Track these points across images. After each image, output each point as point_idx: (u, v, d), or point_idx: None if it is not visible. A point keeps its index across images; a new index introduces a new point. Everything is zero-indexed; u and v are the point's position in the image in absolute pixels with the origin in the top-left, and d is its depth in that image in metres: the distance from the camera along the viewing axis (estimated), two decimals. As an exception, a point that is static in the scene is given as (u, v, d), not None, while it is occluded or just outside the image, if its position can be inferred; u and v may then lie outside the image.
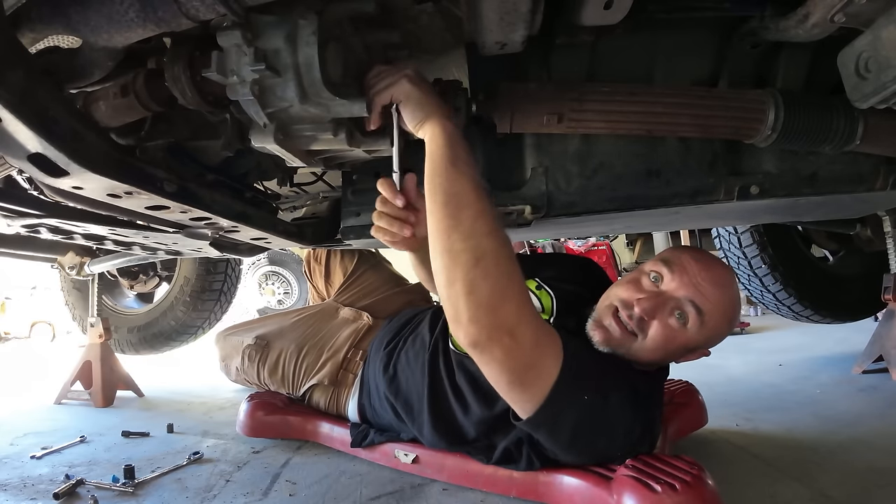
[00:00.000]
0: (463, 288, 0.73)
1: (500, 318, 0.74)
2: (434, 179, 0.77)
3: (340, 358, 1.45)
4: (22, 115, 0.54)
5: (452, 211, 0.75)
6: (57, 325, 6.11)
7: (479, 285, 0.72)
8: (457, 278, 0.73)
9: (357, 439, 1.28)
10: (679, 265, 0.96)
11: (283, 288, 4.96)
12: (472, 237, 0.73)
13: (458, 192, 0.75)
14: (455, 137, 0.77)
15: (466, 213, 0.74)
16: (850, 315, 2.38)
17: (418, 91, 0.76)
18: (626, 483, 0.86)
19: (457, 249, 0.74)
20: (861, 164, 0.95)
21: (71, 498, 1.14)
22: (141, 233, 1.15)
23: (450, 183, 0.75)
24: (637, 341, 0.95)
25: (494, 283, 0.73)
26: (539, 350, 0.80)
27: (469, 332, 0.74)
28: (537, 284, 1.18)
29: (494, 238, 0.74)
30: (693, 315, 0.92)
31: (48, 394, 2.15)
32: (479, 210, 0.75)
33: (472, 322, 0.73)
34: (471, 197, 0.75)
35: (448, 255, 0.74)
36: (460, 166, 0.76)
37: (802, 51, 0.88)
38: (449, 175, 0.76)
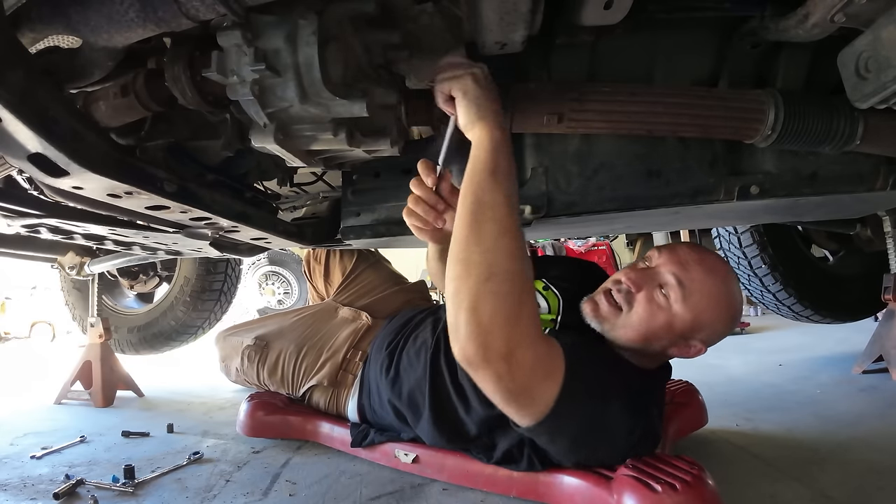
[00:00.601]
0: (468, 302, 0.71)
1: (497, 341, 0.71)
2: (469, 184, 0.76)
3: (340, 359, 1.45)
4: (22, 115, 0.54)
5: (478, 220, 0.73)
6: (57, 325, 6.11)
7: (485, 303, 0.70)
8: (465, 290, 0.72)
9: (357, 439, 1.28)
10: (669, 248, 1.00)
11: (283, 288, 4.96)
12: (490, 251, 0.72)
13: (488, 202, 0.74)
14: (501, 147, 0.76)
15: (491, 227, 0.73)
16: (850, 315, 2.38)
17: (478, 91, 0.75)
18: (627, 483, 0.86)
19: (473, 260, 0.72)
20: (861, 164, 0.95)
21: (71, 498, 1.14)
22: (141, 233, 1.15)
23: (483, 191, 0.74)
24: (622, 316, 0.97)
25: (500, 304, 0.71)
26: (536, 376, 0.78)
27: (465, 348, 0.72)
28: (545, 285, 1.20)
29: (513, 259, 0.72)
30: (675, 287, 0.93)
31: (48, 394, 2.14)
32: (505, 227, 0.73)
33: (469, 339, 0.71)
34: (500, 211, 0.74)
35: (462, 265, 0.73)
36: (499, 177, 0.75)
37: (802, 51, 0.88)
38: (484, 183, 0.74)
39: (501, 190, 0.74)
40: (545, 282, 1.20)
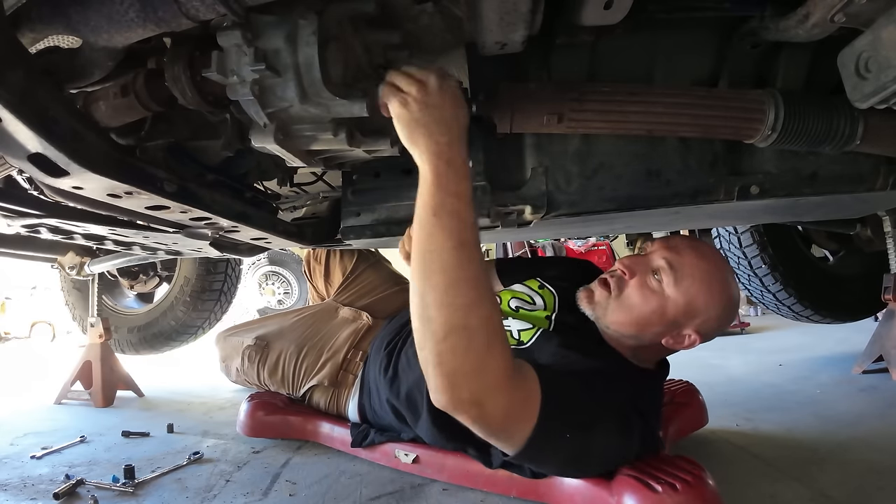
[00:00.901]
0: (431, 357, 0.69)
1: (466, 392, 0.69)
2: (416, 227, 0.70)
3: (340, 359, 1.45)
4: (22, 115, 0.54)
5: (427, 271, 0.69)
6: (57, 325, 6.11)
7: (447, 359, 0.68)
8: (426, 346, 0.69)
9: (357, 439, 1.28)
10: (663, 238, 1.00)
11: (283, 288, 4.96)
12: (442, 307, 0.67)
13: (434, 249, 0.68)
14: (444, 181, 0.68)
15: (440, 279, 0.68)
16: (850, 315, 2.38)
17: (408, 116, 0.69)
18: (627, 483, 0.86)
19: (428, 316, 0.68)
20: (861, 164, 0.95)
21: (71, 498, 1.14)
22: (141, 233, 1.15)
23: (428, 237, 0.69)
24: (613, 300, 0.97)
25: (462, 360, 0.68)
26: (509, 419, 0.76)
27: (437, 398, 0.71)
28: (540, 284, 1.20)
29: (468, 311, 0.67)
30: (667, 271, 0.93)
31: (48, 394, 2.15)
32: (453, 278, 0.67)
33: (437, 391, 0.70)
34: (447, 258, 0.67)
35: (420, 320, 0.69)
36: (442, 218, 0.68)
37: (802, 51, 0.88)
38: (428, 227, 0.69)
39: (445, 232, 0.68)
40: (540, 280, 1.21)
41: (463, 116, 0.72)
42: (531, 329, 1.06)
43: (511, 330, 1.08)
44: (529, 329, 1.07)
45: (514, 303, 1.17)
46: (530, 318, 1.12)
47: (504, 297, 1.19)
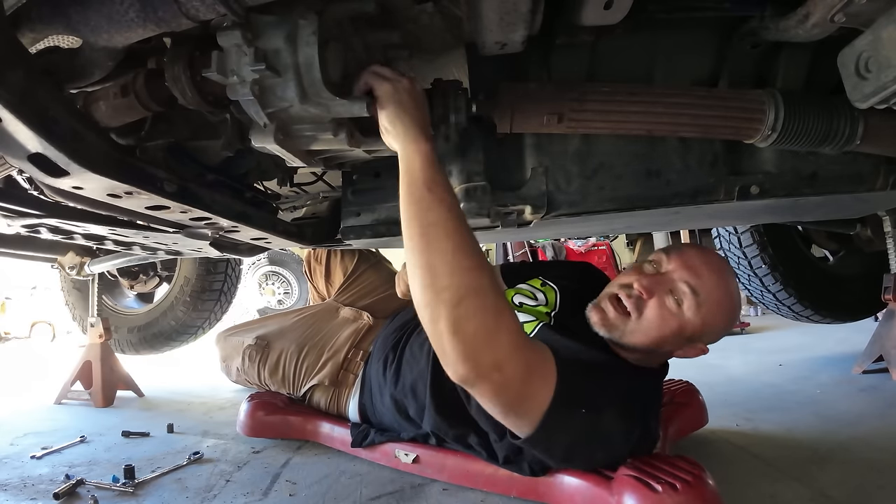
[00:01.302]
0: (448, 327, 0.69)
1: (487, 356, 0.71)
2: (410, 206, 0.72)
3: (341, 358, 1.45)
4: (22, 115, 0.54)
5: (431, 243, 0.70)
6: (57, 325, 6.11)
7: (465, 324, 0.69)
8: (440, 316, 0.70)
9: (357, 439, 1.28)
10: (677, 251, 0.99)
11: (284, 288, 4.96)
12: (454, 273, 0.69)
13: (436, 221, 0.71)
14: (433, 159, 0.73)
15: (446, 246, 0.70)
16: (850, 315, 2.38)
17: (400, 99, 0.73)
18: (627, 483, 0.86)
19: (439, 286, 0.70)
20: (861, 164, 0.95)
21: (71, 498, 1.14)
22: (141, 233, 1.15)
23: (427, 211, 0.71)
24: (631, 322, 0.96)
25: (481, 321, 0.70)
26: (530, 381, 0.78)
27: (457, 370, 0.72)
28: (542, 282, 1.21)
29: (477, 273, 0.70)
30: (689, 296, 0.93)
31: (48, 394, 2.15)
32: (458, 242, 0.70)
33: (459, 361, 0.71)
34: (450, 226, 0.70)
35: (430, 292, 0.70)
36: (437, 192, 0.71)
37: (802, 51, 0.88)
38: (425, 202, 0.71)
39: (444, 204, 0.71)
40: (542, 279, 1.22)
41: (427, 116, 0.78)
42: (533, 322, 1.07)
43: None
44: (531, 321, 1.07)
45: (517, 298, 1.19)
46: (532, 311, 1.13)
47: (507, 295, 1.20)
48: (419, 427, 1.19)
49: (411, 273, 0.72)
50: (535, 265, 1.32)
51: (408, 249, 0.73)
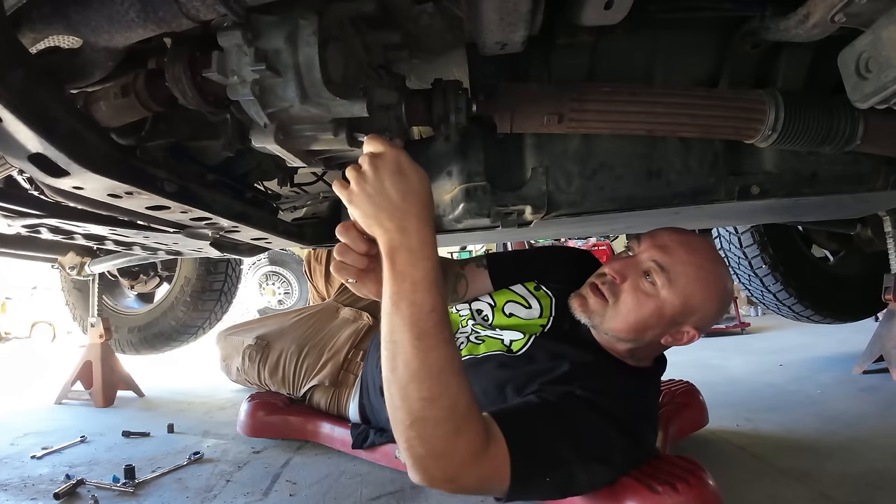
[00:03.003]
0: (401, 441, 0.68)
1: (437, 474, 0.69)
2: (383, 314, 0.68)
3: (341, 359, 1.45)
4: (22, 115, 0.54)
5: (389, 360, 0.67)
6: (57, 325, 6.12)
7: (414, 445, 0.67)
8: (396, 429, 0.68)
9: (357, 441, 1.28)
10: (648, 234, 0.98)
11: (284, 288, 4.97)
12: (405, 398, 0.66)
13: (396, 340, 0.66)
14: (400, 265, 0.66)
15: (401, 370, 0.66)
16: (851, 315, 2.38)
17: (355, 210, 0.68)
18: (627, 484, 0.86)
19: (393, 404, 0.67)
20: (861, 164, 0.95)
21: (71, 498, 1.14)
22: (141, 233, 1.15)
23: (388, 326, 0.67)
24: (609, 308, 0.96)
25: (430, 448, 0.67)
26: (485, 482, 0.74)
27: (412, 476, 0.70)
28: (535, 286, 1.18)
29: (429, 403, 0.65)
30: (659, 273, 0.92)
31: (49, 394, 2.15)
32: (414, 370, 0.65)
33: (412, 470, 0.69)
34: (408, 351, 0.65)
35: (388, 403, 0.69)
36: (401, 307, 0.65)
37: (803, 51, 0.88)
38: (388, 317, 0.67)
39: (405, 323, 0.65)
40: (536, 282, 1.19)
41: (416, 184, 0.68)
42: (522, 338, 1.06)
43: (503, 338, 1.07)
44: (521, 339, 1.06)
45: (508, 307, 1.15)
46: (523, 326, 1.11)
47: (500, 300, 1.17)
48: None
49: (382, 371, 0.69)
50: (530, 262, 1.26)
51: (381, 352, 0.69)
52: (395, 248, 0.66)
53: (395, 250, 0.66)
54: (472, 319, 1.17)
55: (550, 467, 0.79)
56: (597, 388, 0.89)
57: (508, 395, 0.93)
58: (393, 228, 0.66)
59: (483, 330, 1.13)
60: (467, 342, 1.11)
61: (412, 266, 0.66)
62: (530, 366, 0.99)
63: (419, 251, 0.66)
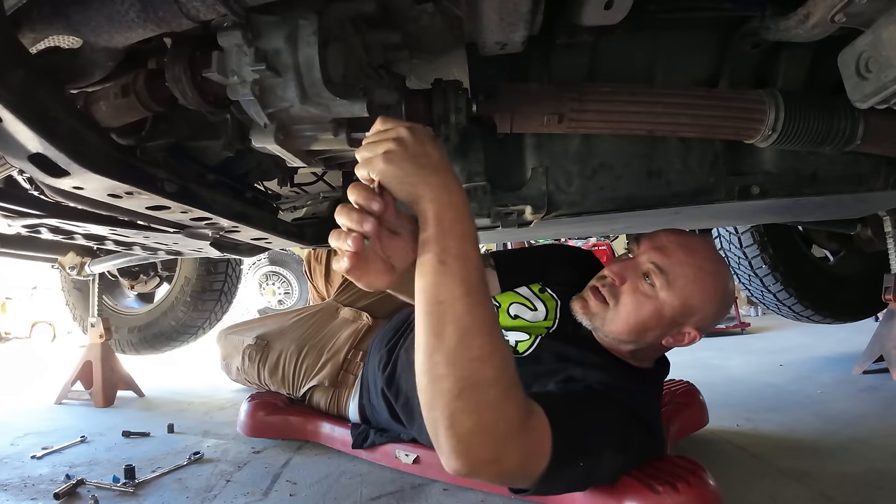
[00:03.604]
0: (443, 419, 0.63)
1: (483, 452, 0.64)
2: (420, 278, 0.65)
3: (341, 359, 1.45)
4: (22, 115, 0.54)
5: (435, 324, 0.63)
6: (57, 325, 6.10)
7: (461, 419, 0.62)
8: (436, 406, 0.63)
9: (358, 441, 1.28)
10: (647, 236, 0.98)
11: (284, 288, 4.97)
12: (454, 363, 0.62)
13: (443, 300, 0.62)
14: (448, 221, 0.64)
15: (450, 331, 0.62)
16: (851, 315, 2.38)
17: (395, 169, 0.62)
18: (628, 484, 0.86)
19: (438, 373, 0.62)
20: (862, 164, 0.95)
21: (71, 498, 1.14)
22: (141, 233, 1.15)
23: (435, 287, 0.63)
24: (610, 310, 0.96)
25: (478, 417, 0.63)
26: (527, 464, 0.72)
27: (450, 464, 0.65)
28: (540, 287, 1.18)
29: (482, 364, 0.62)
30: (658, 274, 0.92)
31: (49, 394, 2.15)
32: (465, 327, 0.62)
33: (452, 456, 0.64)
34: (458, 308, 0.62)
35: (427, 378, 0.63)
36: (450, 263, 0.63)
37: (803, 51, 0.88)
38: (435, 277, 0.63)
39: (455, 279, 0.63)
40: (541, 285, 1.19)
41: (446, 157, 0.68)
42: (528, 340, 1.06)
43: (508, 339, 1.07)
44: (526, 340, 1.06)
45: (514, 309, 1.16)
46: (528, 328, 1.11)
47: (504, 302, 1.17)
48: (410, 430, 1.19)
49: (416, 349, 0.65)
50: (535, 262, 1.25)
51: (416, 322, 0.65)
52: (443, 203, 0.64)
53: (442, 206, 0.64)
54: None
55: (585, 452, 0.79)
56: (608, 382, 0.91)
57: None
58: (438, 185, 0.64)
59: None
60: None
61: (459, 222, 0.65)
62: (537, 366, 0.99)
63: (463, 207, 0.66)
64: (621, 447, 0.85)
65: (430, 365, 0.63)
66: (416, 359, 0.65)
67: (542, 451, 0.72)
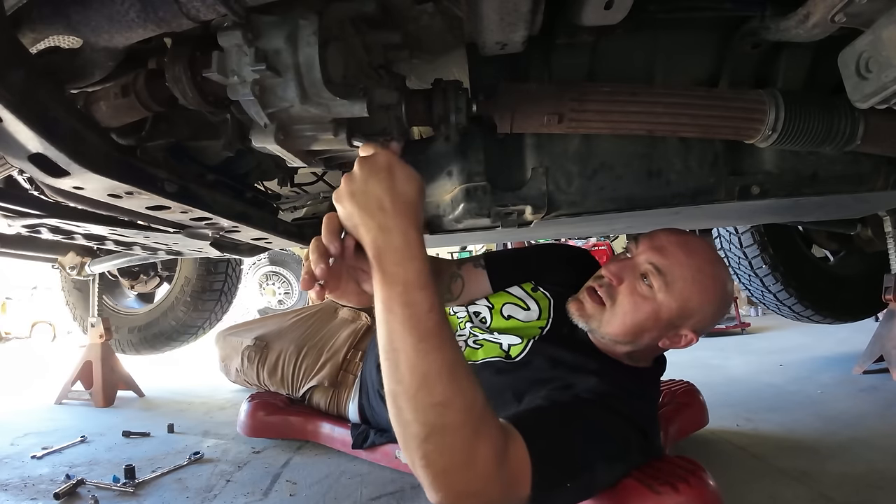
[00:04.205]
0: (417, 459, 0.62)
1: (461, 487, 0.63)
2: (377, 322, 0.64)
3: (340, 359, 1.45)
4: (23, 115, 0.54)
5: (393, 371, 0.62)
6: (58, 325, 6.10)
7: (434, 459, 0.62)
8: (409, 447, 0.63)
9: (358, 441, 1.28)
10: (646, 236, 0.98)
11: (284, 288, 4.97)
12: (416, 409, 0.61)
13: (397, 347, 0.61)
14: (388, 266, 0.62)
15: (408, 378, 0.61)
16: (851, 315, 2.38)
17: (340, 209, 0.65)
18: (628, 484, 0.86)
19: (404, 419, 0.62)
20: (862, 164, 0.95)
21: (71, 498, 1.14)
22: (142, 233, 1.15)
23: (387, 335, 0.62)
24: (607, 311, 0.95)
25: (451, 459, 0.62)
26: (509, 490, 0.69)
27: (432, 498, 0.64)
28: (533, 286, 1.17)
29: (444, 408, 0.61)
30: (656, 275, 0.91)
31: (49, 394, 2.15)
32: (422, 373, 0.60)
33: (432, 489, 0.63)
34: (411, 356, 0.61)
35: (396, 422, 0.63)
36: (396, 311, 0.61)
37: (803, 51, 0.88)
38: (385, 325, 0.62)
39: (404, 327, 0.61)
40: (534, 283, 1.18)
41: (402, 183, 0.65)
42: (520, 343, 1.05)
43: (500, 343, 1.07)
44: (519, 344, 1.05)
45: (507, 309, 1.14)
46: (521, 330, 1.10)
47: (497, 303, 1.16)
48: None
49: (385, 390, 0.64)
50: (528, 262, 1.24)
51: (381, 367, 0.64)
52: (380, 247, 0.63)
53: (380, 250, 0.63)
54: (469, 322, 1.17)
55: (571, 474, 0.77)
56: (602, 390, 0.89)
57: (508, 402, 0.92)
58: (375, 227, 0.63)
59: (481, 333, 1.12)
60: (465, 346, 1.10)
61: (400, 266, 0.63)
62: (529, 372, 0.98)
63: (405, 250, 0.63)
64: (617, 456, 0.84)
65: (395, 409, 0.63)
66: (386, 398, 0.64)
67: (522, 480, 0.70)
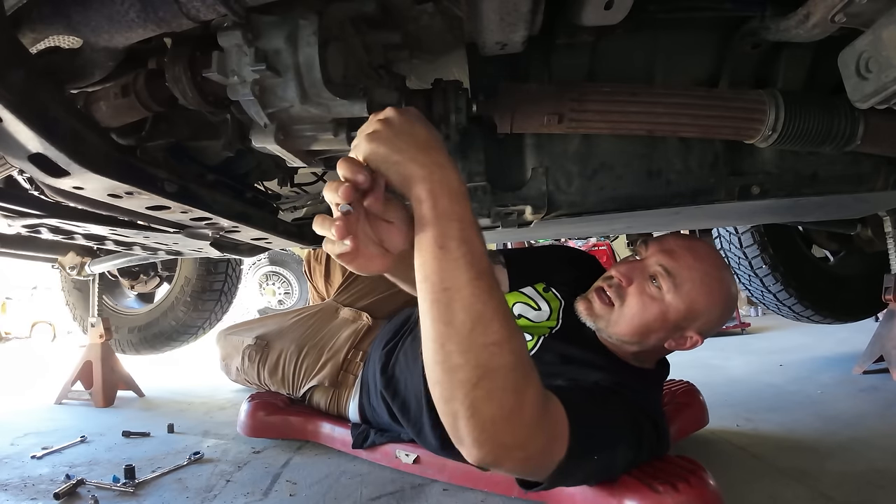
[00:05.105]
0: (463, 410, 0.59)
1: (508, 437, 0.61)
2: (421, 265, 0.60)
3: (340, 359, 1.45)
4: (23, 115, 0.54)
5: (443, 313, 0.58)
6: (58, 325, 6.11)
7: (482, 407, 0.58)
8: (455, 397, 0.59)
9: (358, 441, 1.28)
10: (656, 239, 1.00)
11: (284, 288, 4.97)
12: (470, 350, 0.58)
13: (449, 286, 0.58)
14: (444, 201, 0.59)
15: (461, 318, 0.58)
16: (851, 315, 2.38)
17: (379, 148, 0.59)
18: (628, 483, 0.86)
19: (453, 364, 0.58)
20: (862, 164, 0.95)
21: (71, 498, 1.14)
22: (141, 233, 1.15)
23: (438, 274, 0.59)
24: (615, 311, 0.96)
25: (501, 405, 0.59)
26: (550, 449, 0.69)
27: (474, 454, 0.61)
28: (545, 287, 1.18)
29: (497, 348, 0.58)
30: (665, 277, 0.93)
31: (49, 394, 2.15)
32: (478, 312, 0.58)
33: (476, 445, 0.60)
34: (467, 293, 0.58)
35: (442, 369, 0.59)
36: (451, 248, 0.58)
37: (803, 51, 0.88)
38: (437, 263, 0.58)
39: (460, 264, 0.58)
40: (545, 284, 1.19)
41: (439, 138, 0.64)
42: (531, 340, 1.06)
43: None
44: (529, 340, 1.06)
45: (518, 308, 1.15)
46: (531, 329, 1.11)
47: (509, 301, 1.17)
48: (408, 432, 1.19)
49: (423, 340, 0.61)
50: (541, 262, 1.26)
51: (420, 312, 0.61)
52: (436, 182, 0.59)
53: (435, 185, 0.59)
54: None
55: (601, 445, 0.77)
56: (615, 380, 0.91)
57: None
58: (430, 162, 0.59)
59: None
60: None
61: (457, 203, 0.60)
62: (540, 366, 0.98)
63: (459, 187, 0.60)
64: (633, 443, 0.85)
65: (442, 356, 0.59)
66: (425, 350, 0.61)
67: (562, 435, 0.69)
